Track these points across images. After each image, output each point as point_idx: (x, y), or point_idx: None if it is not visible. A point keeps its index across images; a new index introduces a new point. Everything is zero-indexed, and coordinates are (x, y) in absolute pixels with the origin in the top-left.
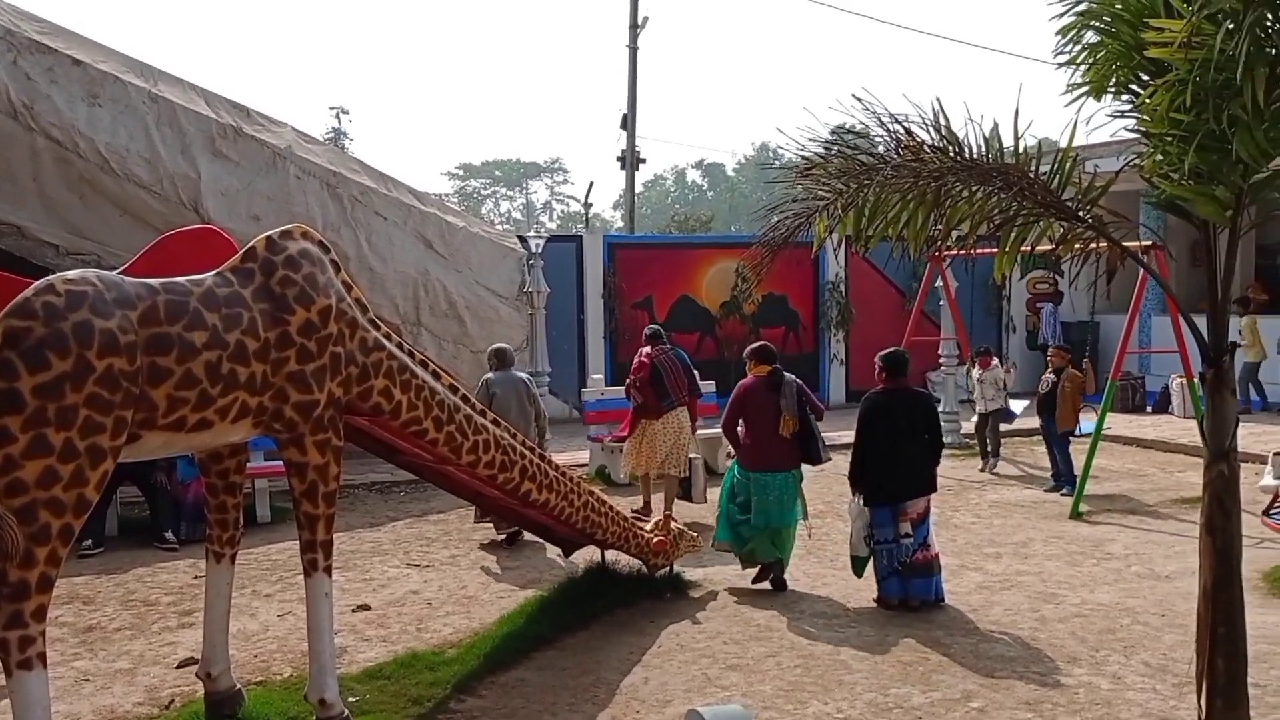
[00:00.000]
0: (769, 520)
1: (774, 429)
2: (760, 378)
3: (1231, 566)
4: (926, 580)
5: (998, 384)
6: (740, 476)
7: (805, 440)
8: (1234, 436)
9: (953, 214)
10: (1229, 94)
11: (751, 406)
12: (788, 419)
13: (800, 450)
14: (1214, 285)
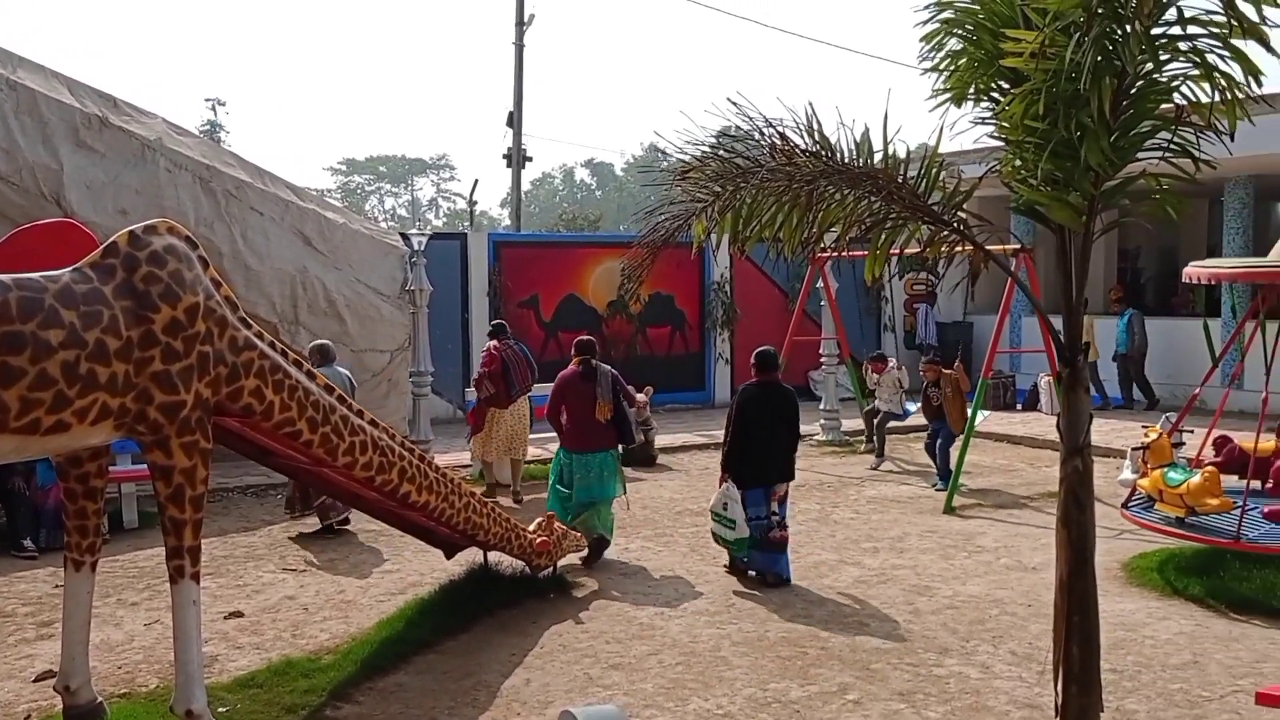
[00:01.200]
0: (591, 495)
1: (592, 414)
2: (576, 369)
3: (1085, 558)
4: (778, 556)
5: (895, 385)
6: (565, 458)
7: (620, 423)
8: (1088, 433)
9: (825, 217)
10: (1079, 103)
11: (570, 395)
12: (603, 405)
13: (616, 432)
14: (1068, 288)
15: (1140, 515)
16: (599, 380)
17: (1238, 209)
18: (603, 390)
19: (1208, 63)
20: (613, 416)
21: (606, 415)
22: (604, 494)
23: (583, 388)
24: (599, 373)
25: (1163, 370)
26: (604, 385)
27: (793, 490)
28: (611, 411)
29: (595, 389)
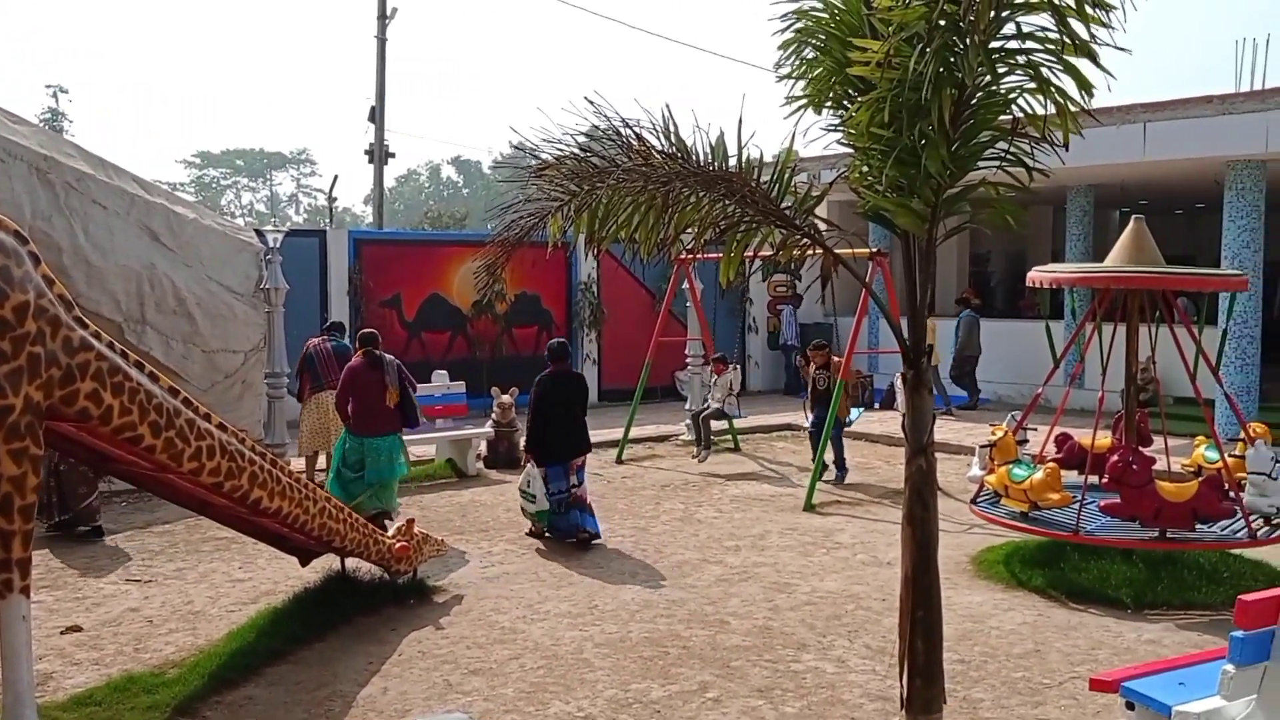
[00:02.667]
0: (382, 476)
1: (380, 401)
2: (362, 360)
3: (929, 555)
4: (584, 514)
5: (728, 386)
6: (353, 442)
7: (405, 408)
8: (931, 432)
9: (681, 218)
10: (921, 113)
11: (359, 384)
12: (391, 391)
13: (402, 416)
14: (912, 291)
15: (987, 510)
16: (385, 369)
17: (1079, 216)
18: (390, 378)
19: (1043, 77)
20: (399, 402)
21: (395, 400)
22: (394, 474)
23: (370, 377)
24: (384, 362)
25: (1009, 370)
26: (391, 373)
27: (658, 490)
28: (398, 397)
29: (384, 377)
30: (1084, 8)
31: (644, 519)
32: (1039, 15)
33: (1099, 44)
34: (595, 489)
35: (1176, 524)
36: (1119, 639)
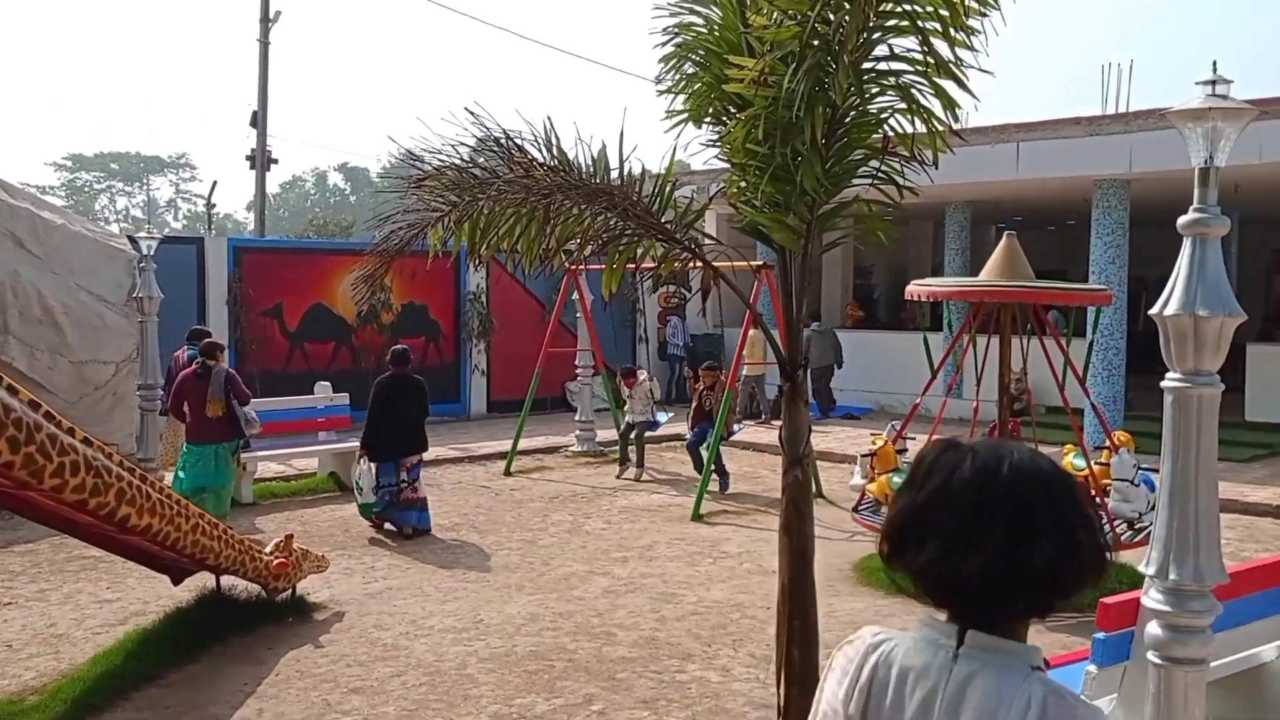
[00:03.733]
0: (201, 481)
1: (205, 409)
2: (194, 370)
3: (806, 564)
4: (415, 512)
5: (646, 396)
6: (187, 450)
7: (233, 419)
8: (808, 443)
9: (563, 230)
10: (795, 130)
11: (189, 393)
12: (214, 402)
13: (230, 427)
14: (788, 304)
15: (869, 518)
16: (212, 380)
17: (957, 231)
18: (214, 389)
19: (912, 97)
20: (227, 413)
21: (216, 412)
22: (216, 480)
23: (197, 386)
24: (213, 373)
25: (889, 381)
26: (216, 384)
27: (547, 502)
28: (224, 409)
29: (208, 387)
30: (949, 31)
31: (532, 531)
32: (907, 38)
33: (965, 67)
34: (482, 502)
35: None
36: None
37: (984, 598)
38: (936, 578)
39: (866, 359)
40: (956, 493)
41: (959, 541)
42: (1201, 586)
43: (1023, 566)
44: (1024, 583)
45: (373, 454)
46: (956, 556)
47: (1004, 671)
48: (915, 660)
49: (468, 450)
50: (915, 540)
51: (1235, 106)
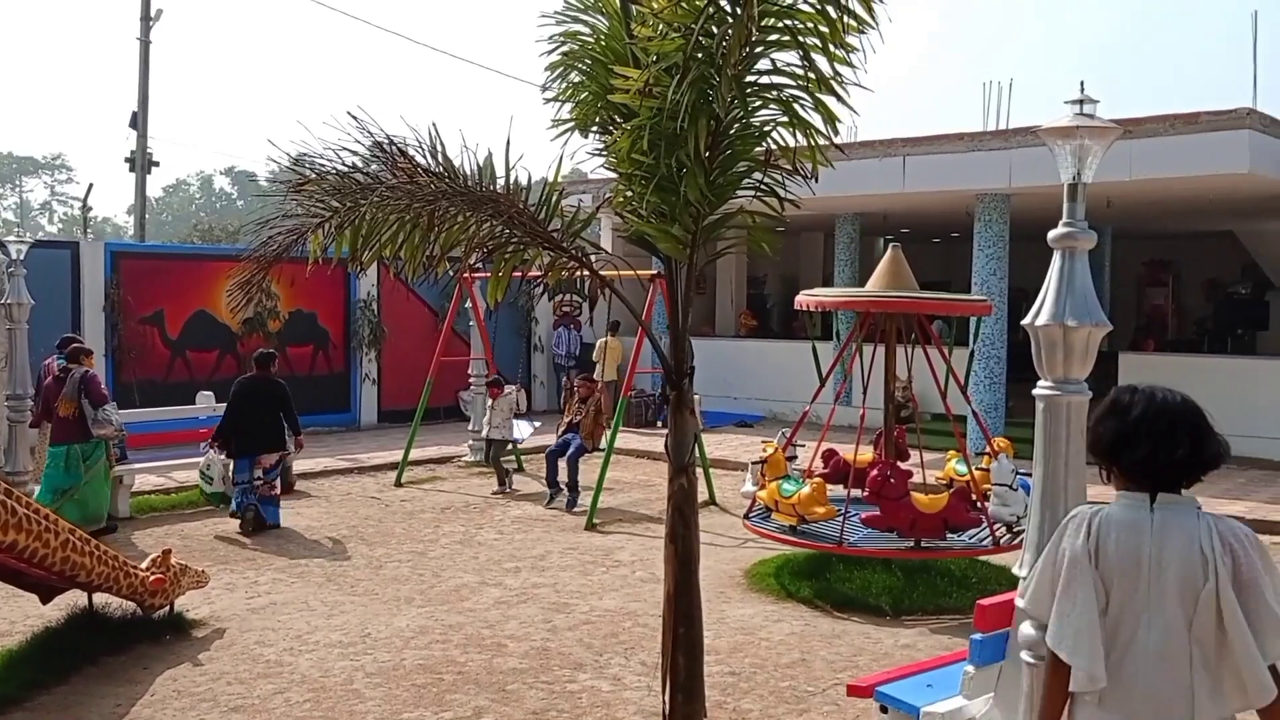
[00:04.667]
0: (57, 482)
1: (59, 410)
2: (54, 374)
3: (691, 572)
4: (269, 507)
5: (508, 409)
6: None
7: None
8: (693, 452)
9: (448, 237)
10: (680, 141)
11: (49, 395)
12: (66, 402)
13: (80, 427)
14: (674, 314)
15: (759, 525)
16: (67, 382)
17: (846, 242)
18: (68, 389)
19: (794, 111)
20: (78, 414)
21: (67, 411)
22: (64, 482)
23: (55, 388)
24: (69, 376)
25: (781, 389)
26: (70, 386)
27: (439, 513)
28: (74, 409)
29: (61, 388)
30: (828, 47)
31: (422, 543)
32: (789, 52)
33: (845, 83)
34: (372, 513)
35: (930, 533)
36: (878, 645)
37: (1176, 475)
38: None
39: (759, 368)
40: (1157, 415)
41: (1167, 442)
42: None
43: (1202, 454)
44: (1200, 464)
45: (230, 451)
46: (1165, 451)
47: (1185, 514)
48: (1122, 516)
49: (357, 461)
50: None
51: (1101, 125)
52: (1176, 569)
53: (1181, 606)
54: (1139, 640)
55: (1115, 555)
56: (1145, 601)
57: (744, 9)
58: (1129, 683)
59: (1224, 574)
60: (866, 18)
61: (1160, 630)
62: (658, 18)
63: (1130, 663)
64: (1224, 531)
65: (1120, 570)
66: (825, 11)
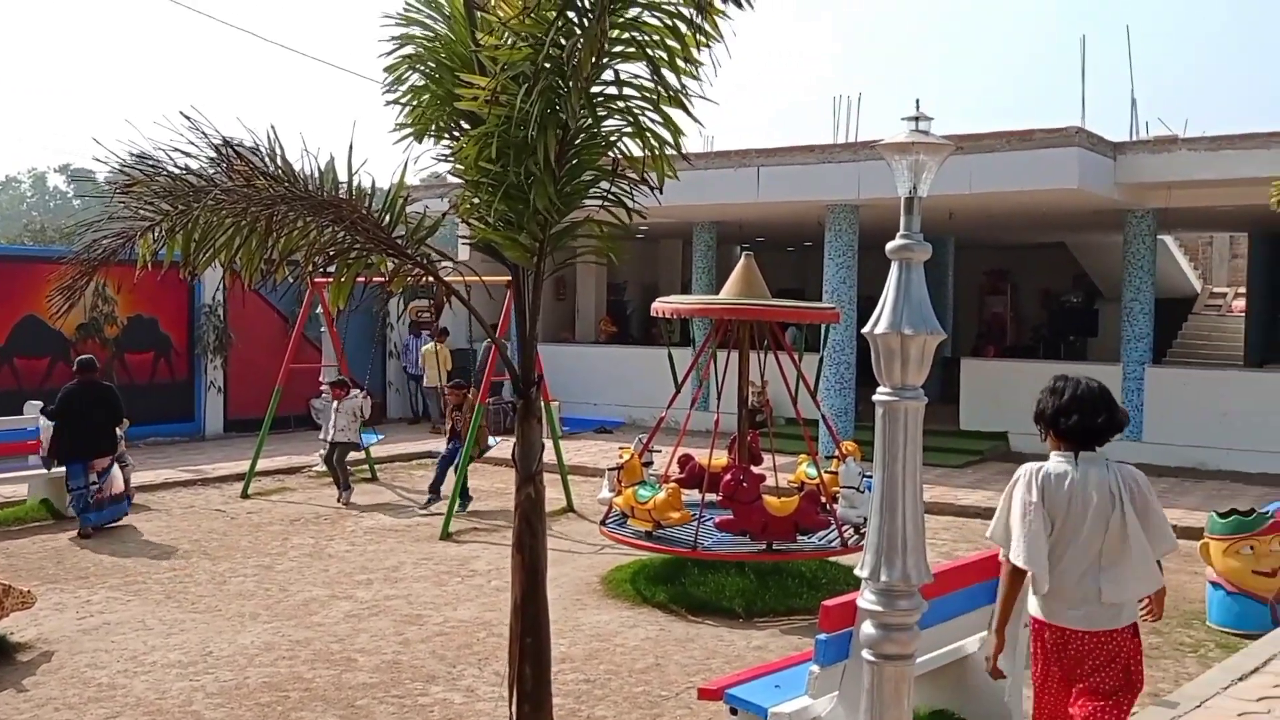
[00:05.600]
0: None
1: None
2: None
3: (538, 581)
4: (114, 508)
5: (353, 414)
6: None
7: None
8: (540, 460)
9: (288, 242)
10: (528, 150)
11: None
12: None
13: None
14: (522, 321)
15: (616, 531)
16: None
17: (703, 250)
18: None
19: (641, 122)
20: None
21: None
22: None
23: None
24: None
25: (641, 395)
26: None
27: (287, 525)
28: None
29: None
30: (676, 61)
31: (269, 556)
32: (637, 64)
33: (694, 95)
34: (216, 526)
35: (781, 536)
36: (731, 647)
37: (1096, 436)
38: (1079, 430)
39: (619, 374)
40: (1083, 395)
41: (1090, 413)
42: (909, 586)
43: (1113, 421)
44: (1110, 428)
45: (62, 457)
46: (1089, 419)
47: (1099, 465)
48: (1058, 469)
49: (201, 472)
50: (1065, 415)
51: (936, 141)
52: (1095, 504)
53: (1098, 528)
54: (1070, 553)
55: (1055, 496)
56: (1076, 527)
57: (595, 22)
58: (1063, 579)
59: (1127, 503)
60: (713, 33)
61: (1084, 545)
62: (506, 27)
63: (1065, 567)
64: (1124, 475)
65: (1059, 506)
66: (674, 27)
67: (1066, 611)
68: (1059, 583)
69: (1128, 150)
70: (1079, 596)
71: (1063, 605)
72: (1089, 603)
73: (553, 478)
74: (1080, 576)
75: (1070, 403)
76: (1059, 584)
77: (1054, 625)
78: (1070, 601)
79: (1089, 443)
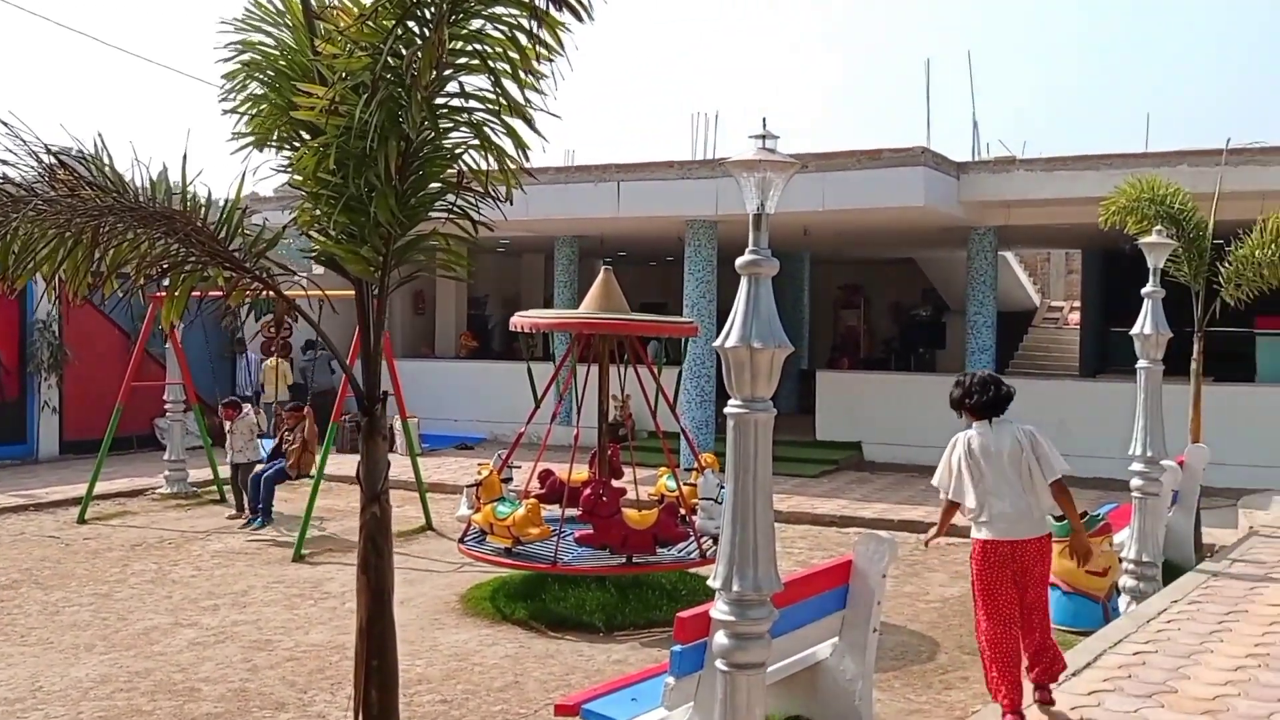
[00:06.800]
0: None
1: None
2: None
3: (384, 602)
4: None
5: (249, 432)
6: None
7: None
8: (386, 479)
9: (116, 255)
10: (369, 161)
11: None
12: None
13: None
14: (366, 337)
15: (475, 548)
16: None
17: (565, 264)
18: None
19: (485, 134)
20: None
21: None
22: None
23: None
24: None
25: (502, 410)
26: None
27: (128, 550)
28: None
29: None
30: (518, 73)
31: (108, 584)
32: (480, 76)
33: (537, 108)
34: (50, 554)
35: (641, 549)
36: (590, 662)
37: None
38: (984, 403)
39: (480, 389)
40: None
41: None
42: (760, 595)
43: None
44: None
45: None
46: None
47: (1007, 425)
48: (978, 433)
49: (34, 497)
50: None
51: (782, 159)
52: (1009, 451)
53: (1013, 470)
54: (996, 490)
55: (980, 451)
56: (998, 470)
57: (434, 32)
58: (995, 511)
59: (1028, 449)
60: (555, 45)
61: (1005, 482)
62: (344, 36)
63: (993, 501)
64: (1025, 430)
65: (984, 458)
66: (515, 38)
67: (1014, 526)
68: (1002, 509)
69: (970, 170)
70: (1017, 515)
71: (1009, 524)
72: (1025, 518)
73: (411, 496)
74: (1014, 501)
75: (971, 388)
76: (1002, 510)
77: (1006, 540)
78: (1012, 520)
79: (992, 411)
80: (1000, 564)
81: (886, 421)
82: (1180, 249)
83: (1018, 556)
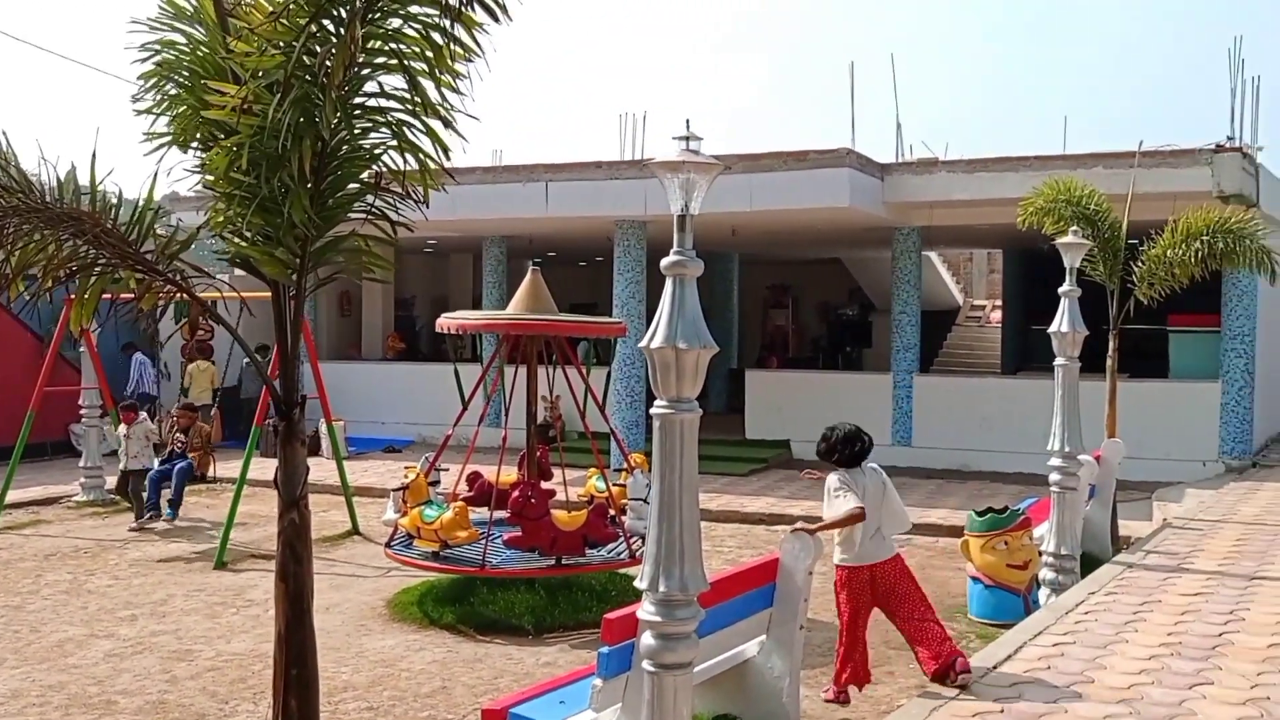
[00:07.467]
0: None
1: None
2: None
3: (304, 610)
4: None
5: (145, 438)
6: None
7: None
8: (305, 485)
9: (23, 256)
10: (282, 161)
11: None
12: None
13: None
14: (283, 340)
15: (402, 553)
16: None
17: (494, 265)
18: None
19: (403, 135)
20: None
21: None
22: None
23: None
24: None
25: (430, 412)
26: None
27: (41, 560)
28: None
29: None
30: (435, 73)
31: (19, 595)
32: (396, 76)
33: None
34: None
35: (570, 550)
36: (519, 665)
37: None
38: (851, 456)
39: (408, 391)
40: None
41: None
42: (687, 595)
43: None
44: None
45: None
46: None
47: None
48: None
49: None
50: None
51: (705, 161)
52: (871, 491)
53: (874, 506)
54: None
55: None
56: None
57: (347, 30)
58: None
59: (885, 489)
60: (473, 46)
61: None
62: (257, 34)
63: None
64: (879, 473)
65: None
66: (430, 38)
67: (874, 554)
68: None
69: (894, 171)
70: (875, 543)
71: (869, 552)
72: (881, 545)
73: (338, 500)
74: (875, 533)
75: (836, 443)
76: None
77: (866, 565)
78: (871, 548)
79: (856, 461)
80: (863, 588)
81: (815, 420)
82: (1096, 249)
83: (879, 578)
